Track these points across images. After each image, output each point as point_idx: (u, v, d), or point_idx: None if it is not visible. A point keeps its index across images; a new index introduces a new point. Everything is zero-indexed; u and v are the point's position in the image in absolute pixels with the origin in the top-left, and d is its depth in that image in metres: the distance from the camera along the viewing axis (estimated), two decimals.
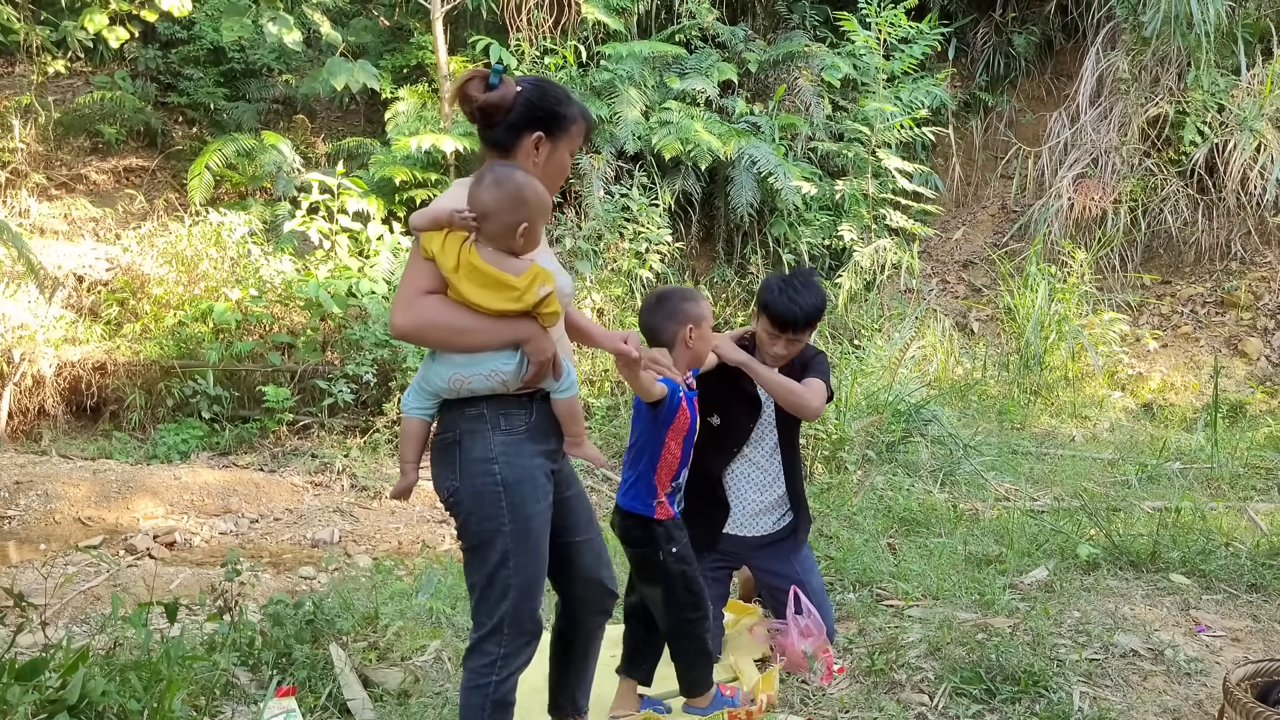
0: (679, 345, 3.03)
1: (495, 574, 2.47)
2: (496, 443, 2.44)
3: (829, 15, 11.88)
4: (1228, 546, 4.75)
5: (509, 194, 2.38)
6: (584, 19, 10.94)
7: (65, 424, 8.76)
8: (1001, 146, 11.97)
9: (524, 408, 2.47)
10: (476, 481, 2.44)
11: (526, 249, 2.43)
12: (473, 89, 2.50)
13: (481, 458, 2.44)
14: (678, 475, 3.07)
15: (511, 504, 2.44)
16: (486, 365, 2.40)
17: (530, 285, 2.36)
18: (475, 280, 2.36)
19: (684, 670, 3.20)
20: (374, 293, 8.96)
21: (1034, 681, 3.33)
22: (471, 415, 2.45)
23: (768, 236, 10.67)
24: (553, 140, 2.53)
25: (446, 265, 2.36)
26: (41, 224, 10.31)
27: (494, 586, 2.48)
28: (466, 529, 2.50)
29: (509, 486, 2.43)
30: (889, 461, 6.51)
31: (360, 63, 10.87)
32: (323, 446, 8.17)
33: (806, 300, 3.41)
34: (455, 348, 2.41)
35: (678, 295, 3.10)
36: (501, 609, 2.48)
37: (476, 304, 2.36)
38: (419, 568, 5.37)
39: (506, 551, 2.45)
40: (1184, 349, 9.49)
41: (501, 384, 2.43)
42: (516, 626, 2.50)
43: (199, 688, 3.19)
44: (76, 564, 5.90)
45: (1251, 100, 9.77)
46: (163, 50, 12.33)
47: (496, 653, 2.50)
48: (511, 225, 2.38)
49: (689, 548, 3.13)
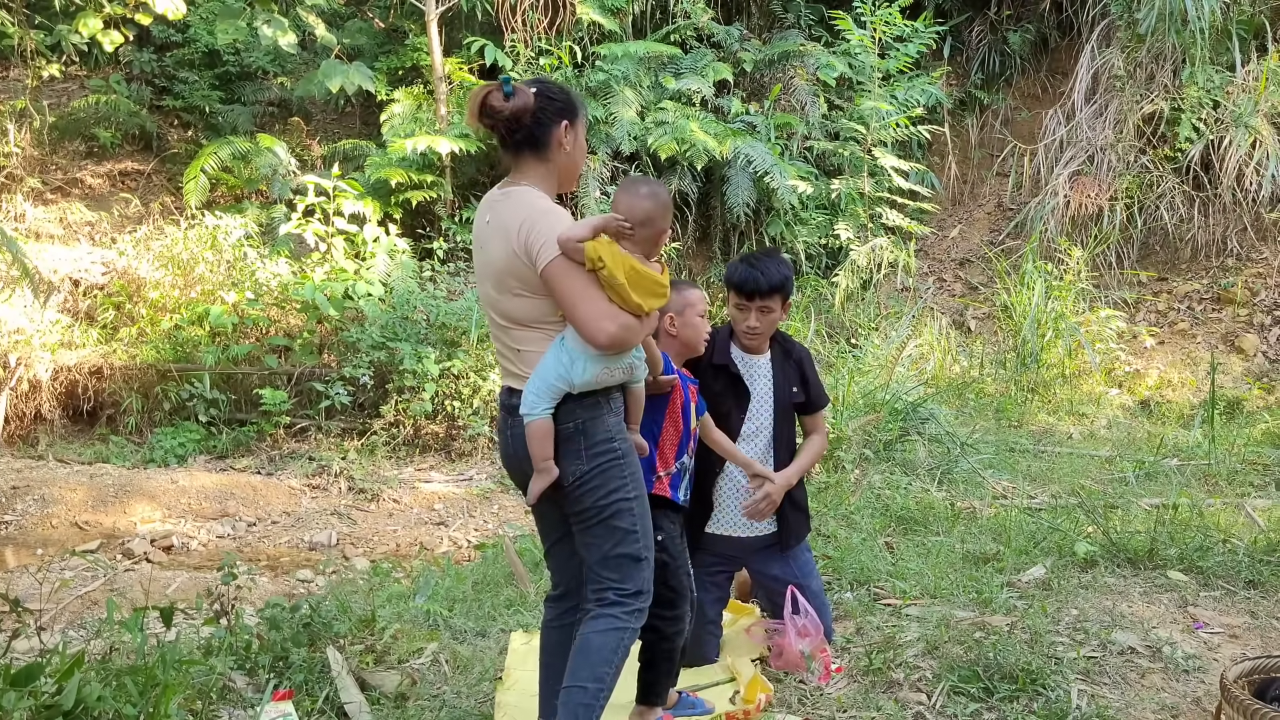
0: (663, 336, 3.11)
1: (626, 541, 2.68)
2: (611, 424, 2.69)
3: (824, 14, 11.89)
4: (1225, 543, 4.75)
5: (663, 204, 2.74)
6: (579, 19, 10.94)
7: (62, 428, 8.75)
8: (997, 144, 11.98)
9: (619, 392, 2.74)
10: (603, 459, 2.66)
11: (656, 254, 2.74)
12: (495, 101, 2.63)
13: (605, 437, 2.67)
14: (681, 453, 3.09)
15: (632, 474, 2.71)
16: (625, 360, 2.67)
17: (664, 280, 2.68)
18: (636, 283, 2.56)
19: (642, 670, 3.07)
20: (370, 295, 8.96)
21: (1032, 679, 3.33)
22: (589, 404, 2.65)
23: (764, 236, 10.67)
24: (574, 125, 2.72)
25: (618, 273, 2.52)
26: (37, 228, 10.29)
27: (627, 553, 2.68)
28: (596, 505, 2.67)
29: (626, 457, 2.70)
30: (886, 460, 6.51)
31: (355, 65, 10.86)
32: (320, 449, 8.16)
33: (770, 268, 3.45)
34: (633, 345, 2.67)
35: None
36: (642, 571, 2.70)
37: (640, 306, 2.57)
38: (416, 570, 5.37)
39: (635, 519, 2.69)
40: (1181, 346, 9.49)
41: (634, 373, 2.73)
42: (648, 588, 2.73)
43: (195, 692, 3.18)
44: (73, 569, 5.90)
45: (1247, 96, 9.78)
46: (157, 54, 12.31)
47: (638, 605, 2.71)
48: (662, 231, 2.74)
49: (678, 543, 3.08)
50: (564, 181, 2.77)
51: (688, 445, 3.13)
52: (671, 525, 3.07)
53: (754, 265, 3.47)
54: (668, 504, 3.06)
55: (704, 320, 3.23)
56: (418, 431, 8.28)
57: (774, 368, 3.57)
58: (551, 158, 2.70)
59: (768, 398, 3.55)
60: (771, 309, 3.47)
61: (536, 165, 2.70)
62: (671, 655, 3.08)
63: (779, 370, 3.57)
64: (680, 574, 3.08)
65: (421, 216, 10.72)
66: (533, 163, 2.69)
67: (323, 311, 8.76)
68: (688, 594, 3.11)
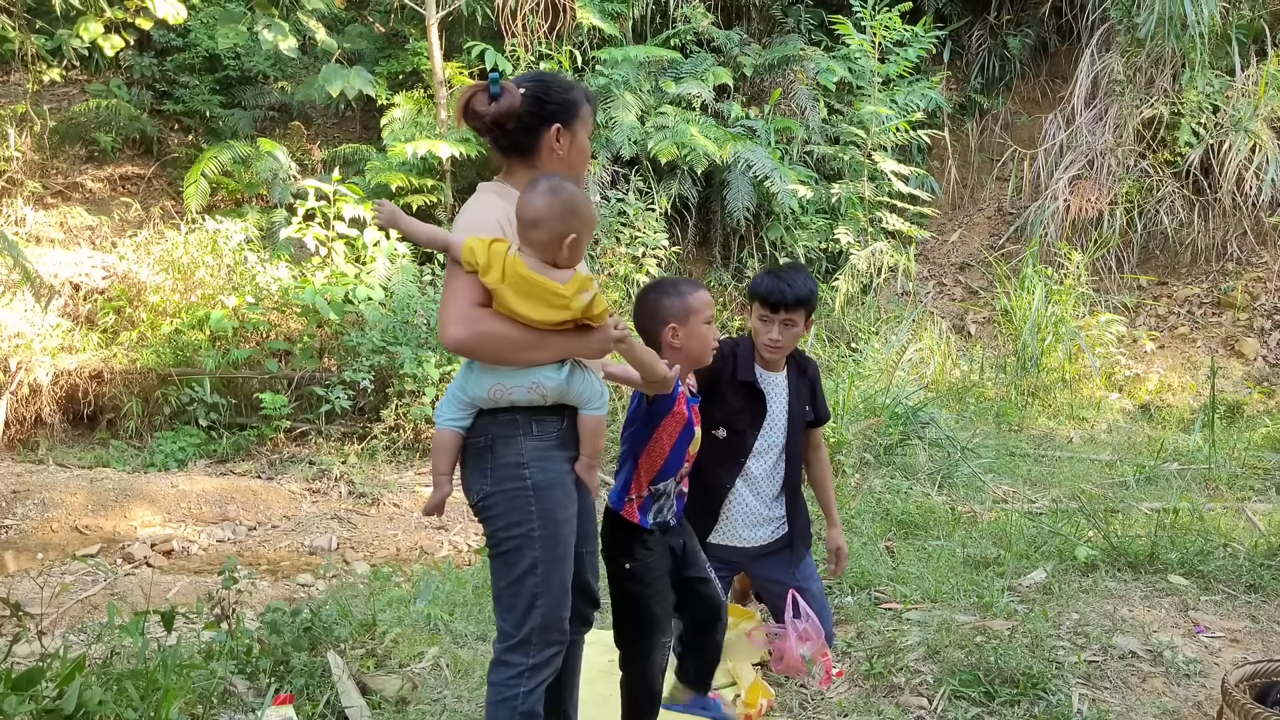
0: (665, 348, 2.80)
1: (523, 581, 2.45)
2: (528, 448, 2.43)
3: (824, 19, 11.91)
4: (1226, 547, 4.75)
5: (562, 202, 2.37)
6: (579, 24, 10.95)
7: (62, 433, 8.74)
8: (997, 149, 11.99)
9: (557, 415, 2.47)
10: (508, 486, 2.43)
11: (569, 261, 2.40)
12: (479, 104, 2.50)
13: (514, 462, 2.43)
14: (659, 479, 2.82)
15: (542, 509, 2.43)
16: (530, 378, 2.40)
17: (576, 292, 2.33)
18: (521, 290, 2.32)
19: (625, 708, 2.93)
20: (370, 299, 8.96)
21: (1033, 684, 3.33)
22: (504, 420, 2.44)
23: (764, 240, 10.68)
24: (570, 129, 2.55)
25: (491, 276, 2.31)
26: (37, 232, 10.30)
27: (521, 595, 2.46)
28: (496, 534, 2.48)
29: (539, 491, 2.43)
30: (887, 464, 6.51)
31: (356, 69, 10.87)
32: (320, 453, 8.16)
33: (797, 280, 3.46)
34: (512, 362, 2.39)
35: (655, 290, 2.89)
36: (530, 620, 2.45)
37: (523, 315, 2.32)
38: (417, 574, 5.37)
39: (536, 558, 2.44)
40: (1181, 350, 9.49)
41: (542, 397, 2.42)
42: (544, 637, 2.46)
43: (196, 696, 3.18)
44: (73, 573, 5.89)
45: (1246, 101, 9.79)
46: (158, 58, 12.32)
47: (524, 664, 2.46)
48: (560, 235, 2.37)
49: (652, 570, 2.86)
50: None
51: (675, 470, 2.84)
52: (646, 551, 2.84)
53: (780, 277, 3.45)
54: (637, 529, 2.84)
55: (711, 327, 2.87)
56: (418, 435, 8.27)
57: (789, 386, 3.61)
58: (539, 163, 2.54)
59: (782, 415, 3.58)
60: (795, 323, 3.48)
61: (521, 168, 2.56)
62: (649, 694, 2.90)
63: (794, 389, 3.61)
64: (654, 604, 2.85)
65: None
66: (518, 165, 2.57)
67: (323, 315, 8.76)
68: (664, 627, 2.88)
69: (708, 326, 2.85)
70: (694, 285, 2.88)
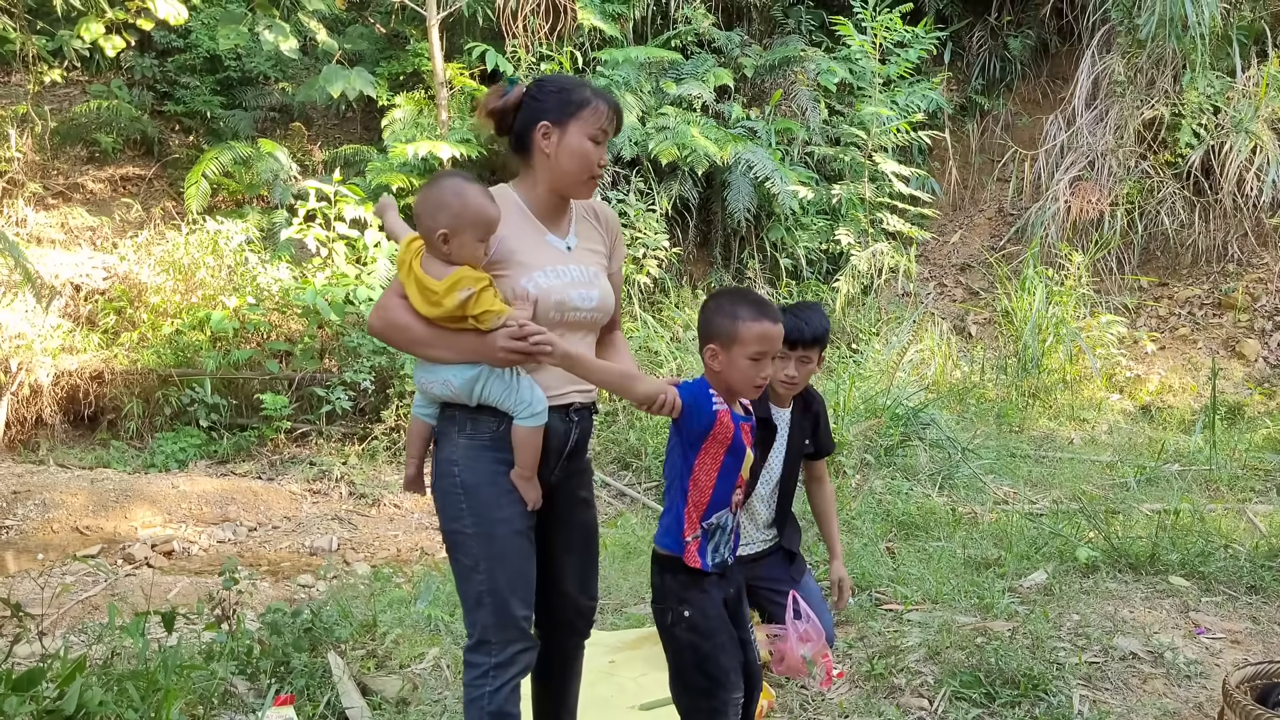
0: (706, 367, 2.53)
1: (469, 580, 2.48)
2: (460, 445, 2.47)
3: (824, 20, 11.91)
4: (1227, 548, 4.74)
5: (432, 196, 2.40)
6: (580, 25, 10.95)
7: (63, 433, 8.74)
8: (998, 150, 11.99)
9: (494, 416, 2.46)
10: (443, 482, 2.48)
11: (458, 258, 2.38)
12: (490, 101, 2.58)
13: (447, 458, 2.49)
14: (710, 512, 2.51)
15: (472, 507, 2.45)
16: (440, 374, 2.44)
17: (450, 289, 2.33)
18: (413, 285, 2.40)
19: None
20: (371, 300, 8.95)
21: (1034, 685, 3.33)
22: (447, 416, 2.51)
23: (765, 241, 10.68)
24: (560, 127, 2.51)
25: (401, 272, 2.44)
26: (38, 233, 10.30)
27: (469, 594, 2.48)
28: (442, 529, 2.53)
29: (468, 489, 2.45)
30: (887, 465, 6.51)
31: (356, 70, 10.87)
32: (321, 454, 8.16)
33: (813, 319, 3.54)
34: (418, 355, 2.47)
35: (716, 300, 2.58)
36: (481, 618, 2.46)
37: (418, 310, 2.39)
38: (417, 575, 5.36)
39: (476, 557, 2.46)
40: (1182, 351, 9.49)
41: (453, 393, 2.44)
42: (501, 635, 2.45)
43: (197, 697, 3.18)
44: (74, 573, 5.89)
45: (1247, 102, 9.79)
46: (159, 59, 12.32)
47: (487, 663, 2.45)
48: (431, 229, 2.38)
49: (712, 618, 2.53)
50: (557, 188, 2.56)
51: (726, 499, 2.53)
52: (703, 595, 2.53)
53: (798, 315, 3.48)
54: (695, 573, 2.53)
55: (758, 364, 2.46)
56: None
57: (793, 421, 3.72)
58: (532, 162, 2.56)
59: (782, 449, 3.71)
60: (810, 359, 3.58)
61: (523, 167, 2.60)
62: None
63: (796, 424, 3.72)
64: (720, 657, 2.52)
65: None
66: (521, 165, 2.61)
67: (324, 316, 8.76)
68: (733, 682, 2.54)
69: (752, 363, 2.45)
70: (758, 311, 2.46)
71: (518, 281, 2.45)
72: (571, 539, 2.69)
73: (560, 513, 2.64)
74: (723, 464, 2.49)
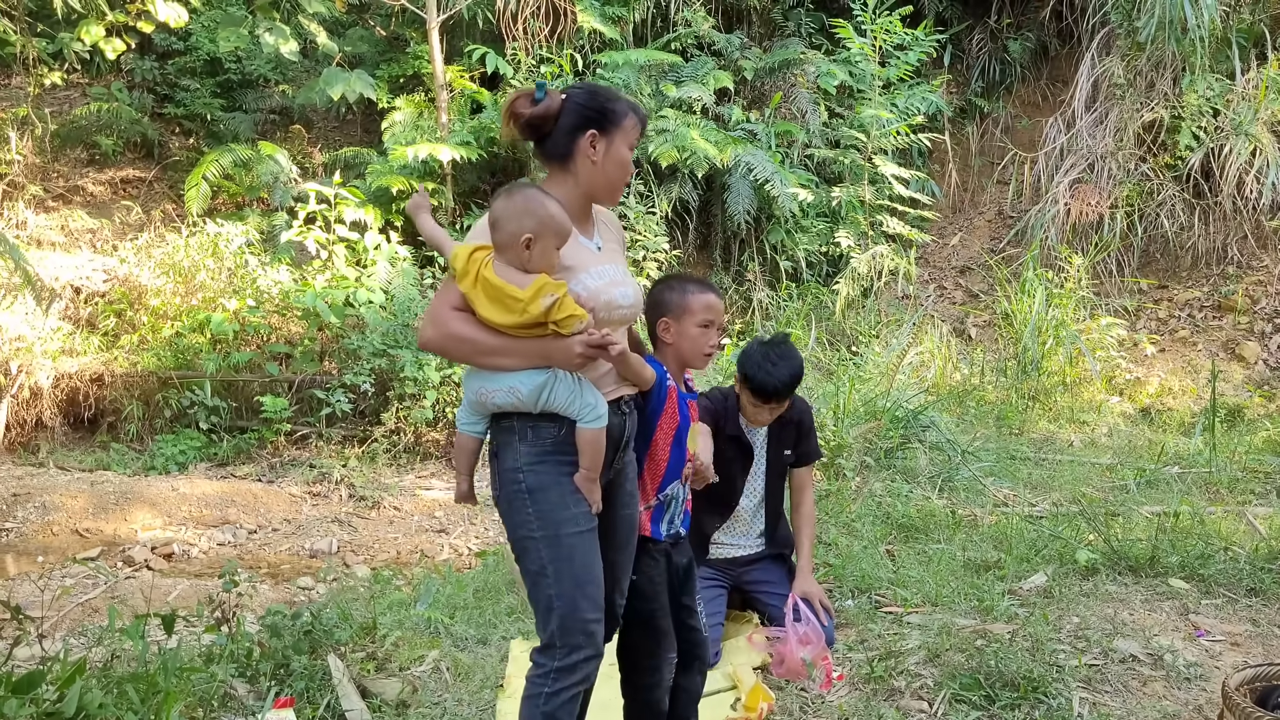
0: (657, 343, 2.86)
1: (538, 584, 2.49)
2: (523, 452, 2.48)
3: (824, 22, 11.92)
4: (1226, 551, 4.74)
5: (516, 203, 2.42)
6: (580, 28, 10.96)
7: (63, 436, 8.74)
8: (997, 152, 12.00)
9: (554, 423, 2.48)
10: (508, 490, 2.50)
11: (536, 265, 2.42)
12: (521, 106, 2.57)
13: (510, 467, 2.50)
14: (665, 483, 2.75)
15: (539, 511, 2.47)
16: (505, 382, 2.44)
17: (535, 296, 2.34)
18: (487, 294, 2.38)
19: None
20: (371, 302, 8.96)
21: (1033, 687, 3.33)
22: (504, 427, 2.52)
23: (765, 244, 10.69)
24: (607, 136, 2.57)
25: (465, 282, 2.40)
26: (38, 236, 10.31)
27: (539, 598, 2.50)
28: (510, 538, 2.55)
29: (533, 492, 2.47)
30: (887, 468, 6.50)
31: (356, 73, 10.88)
32: (321, 457, 8.16)
33: (783, 371, 3.64)
34: (481, 365, 2.47)
35: (663, 282, 2.96)
36: (550, 622, 2.47)
37: (488, 319, 2.39)
38: (417, 578, 5.37)
39: (543, 560, 2.47)
40: (1181, 353, 9.49)
41: (520, 401, 2.44)
42: (566, 640, 2.46)
43: (196, 700, 3.18)
44: (74, 576, 5.89)
45: (1246, 105, 9.80)
46: (159, 61, 12.33)
47: (549, 665, 2.47)
48: (515, 234, 2.40)
49: (657, 583, 2.75)
50: (595, 194, 2.63)
51: (678, 471, 2.76)
52: (653, 563, 2.75)
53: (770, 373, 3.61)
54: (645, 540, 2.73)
55: (706, 331, 2.83)
56: (419, 439, 8.28)
57: (769, 435, 3.87)
58: (574, 168, 2.58)
59: (762, 464, 3.86)
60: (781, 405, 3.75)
61: (560, 173, 2.61)
62: (658, 714, 2.80)
63: (774, 437, 3.86)
64: (660, 619, 2.76)
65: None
66: (556, 170, 2.61)
67: (324, 319, 8.77)
68: (670, 643, 2.78)
69: (701, 330, 2.82)
70: (702, 287, 2.87)
71: (570, 284, 2.47)
72: (620, 535, 2.70)
73: (614, 510, 2.65)
74: (674, 437, 2.70)
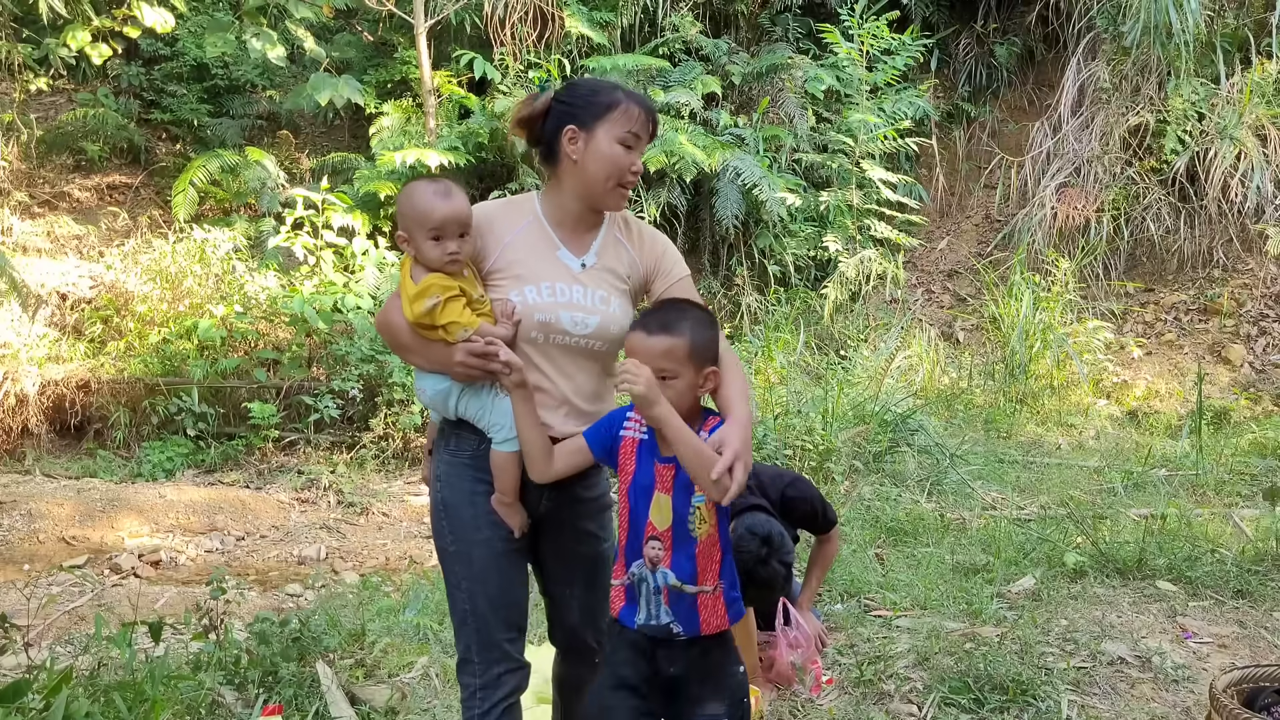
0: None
1: (454, 597, 2.44)
2: (443, 461, 2.44)
3: (812, 28, 11.95)
4: (1213, 553, 4.76)
5: (401, 200, 2.35)
6: (567, 33, 10.97)
7: (49, 443, 8.69)
8: (984, 157, 12.04)
9: (476, 435, 2.37)
10: (431, 496, 2.47)
11: (424, 261, 2.29)
12: (520, 109, 2.46)
13: (434, 473, 2.46)
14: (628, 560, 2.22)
15: (452, 526, 2.41)
16: (420, 382, 2.42)
17: (418, 296, 2.26)
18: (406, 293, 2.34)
19: None
20: (359, 308, 8.94)
21: (1022, 690, 3.34)
22: (440, 429, 2.48)
23: (753, 248, 10.70)
24: (587, 130, 2.35)
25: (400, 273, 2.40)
26: (24, 242, 10.26)
27: (455, 611, 2.44)
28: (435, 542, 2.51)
29: (449, 508, 2.42)
30: (876, 472, 6.52)
31: (344, 78, 10.87)
32: (309, 463, 8.13)
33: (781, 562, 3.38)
34: (404, 358, 2.45)
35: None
36: (464, 637, 2.42)
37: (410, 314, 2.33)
38: (406, 584, 5.35)
39: (458, 576, 2.42)
40: (1168, 356, 9.53)
41: (428, 404, 2.41)
42: (485, 656, 2.39)
43: (184, 708, 3.17)
44: (60, 584, 5.86)
45: (1231, 109, 9.85)
46: (146, 67, 12.30)
47: (473, 684, 2.40)
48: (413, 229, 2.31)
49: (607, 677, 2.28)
50: (585, 197, 2.40)
51: (636, 548, 2.20)
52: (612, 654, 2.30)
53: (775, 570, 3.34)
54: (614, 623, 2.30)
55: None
56: (407, 444, 8.25)
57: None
58: (559, 169, 2.41)
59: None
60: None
61: (551, 175, 2.46)
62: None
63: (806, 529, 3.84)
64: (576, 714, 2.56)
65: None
66: (550, 174, 2.47)
67: (311, 325, 8.74)
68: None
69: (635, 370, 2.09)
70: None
71: (508, 293, 2.34)
72: (571, 572, 2.56)
73: (556, 544, 2.52)
74: (630, 503, 2.21)
